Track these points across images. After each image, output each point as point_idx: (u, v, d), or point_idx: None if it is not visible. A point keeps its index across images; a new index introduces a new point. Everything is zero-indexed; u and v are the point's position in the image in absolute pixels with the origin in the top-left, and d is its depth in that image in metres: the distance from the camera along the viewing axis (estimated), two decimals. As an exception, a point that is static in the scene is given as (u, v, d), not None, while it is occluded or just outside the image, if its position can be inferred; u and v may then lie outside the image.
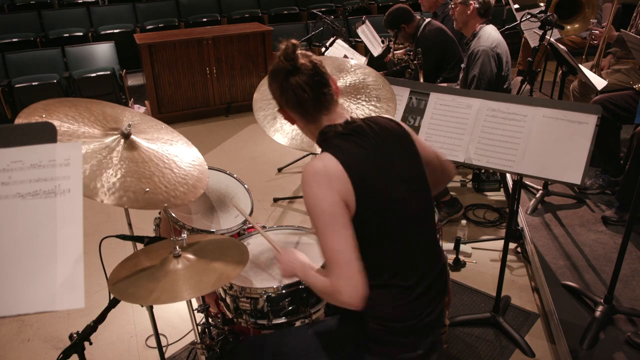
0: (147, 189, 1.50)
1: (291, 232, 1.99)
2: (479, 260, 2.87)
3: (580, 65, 2.75)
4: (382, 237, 1.30)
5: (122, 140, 1.58)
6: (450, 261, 2.80)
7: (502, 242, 2.25)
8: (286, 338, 1.51)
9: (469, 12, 3.00)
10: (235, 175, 2.21)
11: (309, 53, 1.34)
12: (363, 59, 4.01)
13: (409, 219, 1.33)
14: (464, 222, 2.99)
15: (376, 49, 4.18)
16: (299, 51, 1.30)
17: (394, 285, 1.31)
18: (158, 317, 2.28)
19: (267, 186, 3.91)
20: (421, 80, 3.21)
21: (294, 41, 1.30)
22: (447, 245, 2.88)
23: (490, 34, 3.00)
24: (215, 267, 1.47)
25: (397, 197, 1.30)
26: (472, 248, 2.96)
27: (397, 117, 2.16)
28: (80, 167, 1.02)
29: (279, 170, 4.15)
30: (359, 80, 1.92)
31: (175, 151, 1.73)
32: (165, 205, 1.52)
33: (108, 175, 1.47)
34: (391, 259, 1.31)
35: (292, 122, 1.40)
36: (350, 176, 1.23)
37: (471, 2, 2.96)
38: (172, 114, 5.32)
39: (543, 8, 3.91)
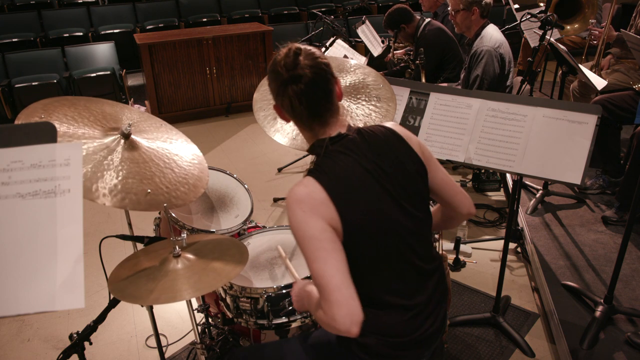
0: (149, 190, 1.50)
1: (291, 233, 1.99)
2: (479, 260, 2.87)
3: (580, 65, 2.75)
4: (372, 258, 1.26)
5: (122, 141, 1.58)
6: (450, 261, 2.80)
7: (502, 242, 2.25)
8: (284, 350, 1.48)
9: (473, 17, 3.00)
10: (235, 175, 2.21)
11: (315, 54, 1.25)
12: (363, 59, 4.01)
13: (399, 238, 1.27)
14: (464, 222, 2.99)
15: (376, 49, 4.18)
16: (301, 57, 1.22)
17: (392, 305, 1.29)
18: (158, 317, 2.28)
19: (267, 186, 3.91)
20: (423, 80, 3.21)
21: (297, 46, 1.23)
22: (447, 245, 2.88)
23: (492, 34, 3.00)
24: (215, 267, 1.47)
25: (386, 216, 1.25)
26: (472, 248, 2.96)
27: (397, 117, 2.16)
28: (81, 167, 1.02)
29: (279, 170, 4.15)
30: (359, 80, 1.92)
31: (176, 150, 1.73)
32: (165, 205, 1.52)
33: (109, 177, 1.46)
34: (384, 279, 1.28)
35: (287, 121, 1.35)
36: (334, 201, 1.19)
37: (475, 7, 2.96)
38: (172, 114, 5.32)
39: (543, 8, 3.91)
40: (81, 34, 6.57)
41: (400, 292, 1.29)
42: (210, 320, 1.93)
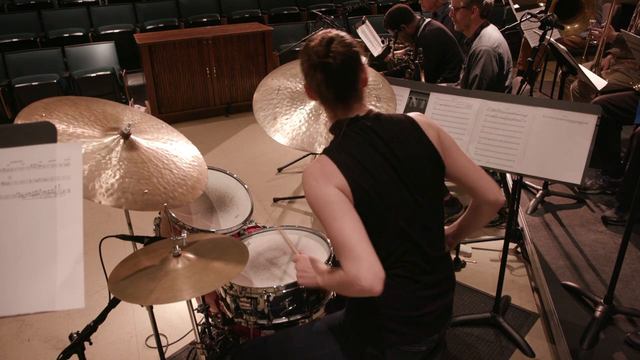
0: (146, 191, 1.50)
1: (291, 232, 1.99)
2: (479, 260, 2.87)
3: (580, 65, 2.75)
4: (379, 229, 1.29)
5: (122, 140, 1.58)
6: (450, 261, 2.80)
7: (502, 242, 2.25)
8: (290, 334, 1.51)
9: (472, 16, 3.00)
10: (235, 175, 2.21)
11: (348, 41, 1.30)
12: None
13: (405, 217, 1.31)
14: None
15: (376, 49, 4.18)
16: (334, 45, 1.27)
17: (397, 275, 1.32)
18: (158, 317, 2.28)
19: (267, 186, 3.91)
20: (423, 80, 3.21)
21: (330, 35, 1.29)
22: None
23: (491, 34, 3.00)
24: (215, 267, 1.47)
25: (393, 194, 1.30)
26: (472, 248, 2.96)
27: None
28: (81, 167, 1.01)
29: (279, 170, 4.15)
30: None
31: (175, 151, 1.73)
32: (165, 204, 1.52)
33: (107, 176, 1.46)
34: (390, 251, 1.31)
35: (313, 99, 1.42)
36: (343, 172, 1.25)
37: (475, 6, 2.96)
38: (172, 114, 5.32)
39: (543, 8, 3.92)
40: (81, 34, 6.57)
41: (405, 265, 1.32)
42: (210, 320, 1.93)
